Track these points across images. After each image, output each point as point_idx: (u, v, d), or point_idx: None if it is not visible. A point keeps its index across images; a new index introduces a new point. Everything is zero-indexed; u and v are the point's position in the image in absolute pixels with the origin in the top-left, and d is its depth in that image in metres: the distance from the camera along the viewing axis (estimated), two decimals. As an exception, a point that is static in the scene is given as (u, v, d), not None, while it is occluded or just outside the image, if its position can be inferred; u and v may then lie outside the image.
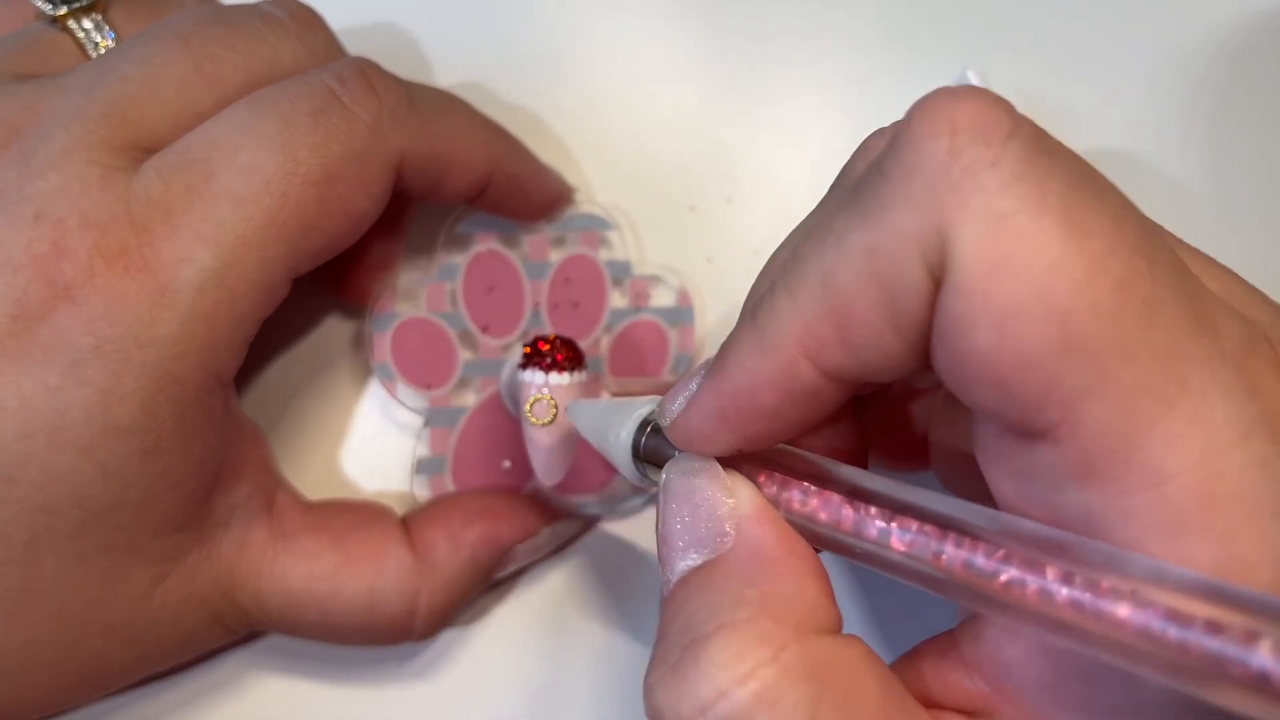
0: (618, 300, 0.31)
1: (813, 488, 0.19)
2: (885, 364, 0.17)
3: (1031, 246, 0.15)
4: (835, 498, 0.18)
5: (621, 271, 0.31)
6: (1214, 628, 0.14)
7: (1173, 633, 0.14)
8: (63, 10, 0.26)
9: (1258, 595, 0.14)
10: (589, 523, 0.31)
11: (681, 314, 0.31)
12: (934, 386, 0.24)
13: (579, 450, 0.30)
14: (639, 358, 0.31)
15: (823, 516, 0.18)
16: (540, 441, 0.27)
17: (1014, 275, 0.15)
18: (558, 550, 0.31)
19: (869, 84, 0.33)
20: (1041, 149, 0.16)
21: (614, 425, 0.22)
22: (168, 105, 0.24)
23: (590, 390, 0.31)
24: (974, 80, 0.31)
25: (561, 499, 0.31)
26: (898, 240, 0.16)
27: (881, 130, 0.20)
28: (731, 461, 0.20)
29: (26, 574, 0.23)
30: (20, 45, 0.26)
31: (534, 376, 0.27)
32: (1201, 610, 0.14)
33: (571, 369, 0.27)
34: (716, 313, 0.32)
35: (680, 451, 0.20)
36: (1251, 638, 0.13)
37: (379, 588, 0.27)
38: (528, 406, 0.27)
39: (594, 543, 0.31)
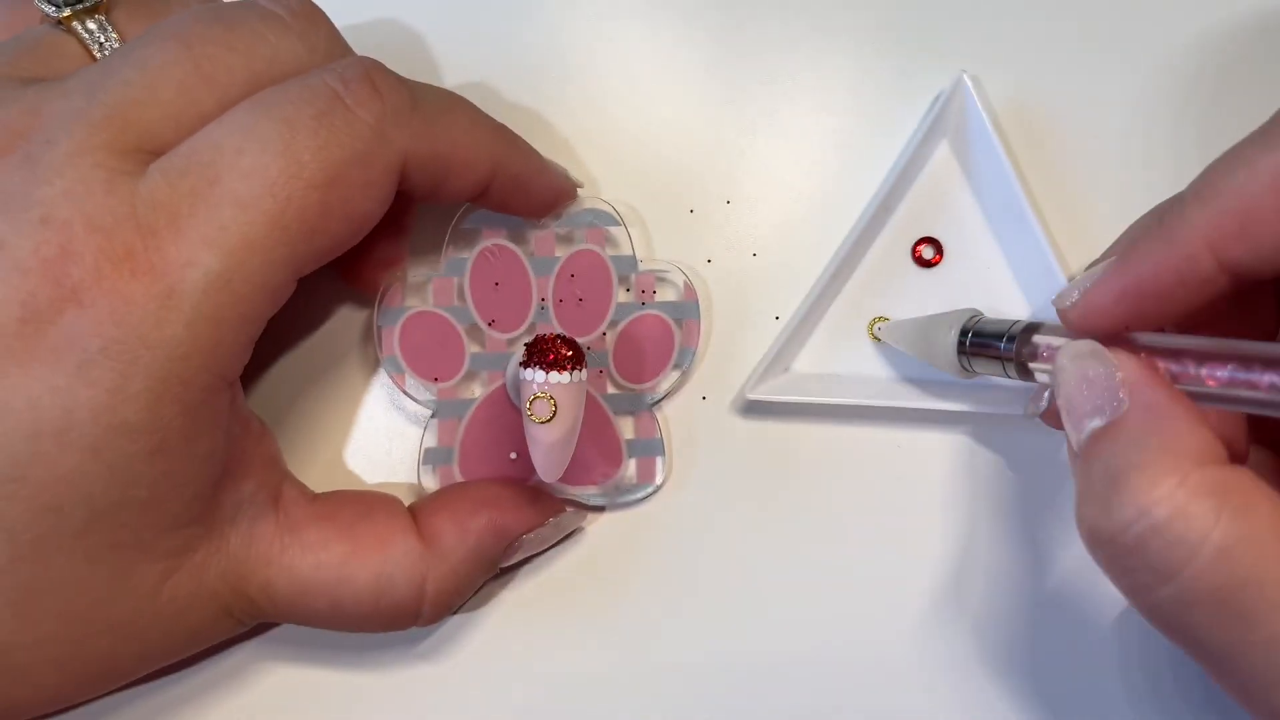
0: (623, 295, 0.32)
1: (1192, 359, 0.23)
2: (1274, 257, 0.22)
3: None
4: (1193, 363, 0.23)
5: (627, 267, 0.31)
6: None
7: None
8: (66, 12, 0.26)
9: None
10: (594, 512, 0.32)
11: (686, 309, 0.32)
12: None
13: (584, 443, 0.31)
14: (644, 352, 0.31)
15: (1198, 375, 0.23)
16: (541, 439, 0.27)
17: None
18: (562, 541, 0.31)
19: (867, 87, 0.33)
20: None
21: (938, 331, 0.29)
22: (169, 107, 0.24)
23: (597, 387, 0.31)
24: (969, 83, 0.31)
25: (566, 491, 0.31)
26: None
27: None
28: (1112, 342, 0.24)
29: (35, 572, 0.23)
30: (24, 48, 0.26)
31: (534, 375, 0.27)
32: None
33: (572, 367, 0.27)
34: (718, 313, 0.32)
35: (1065, 341, 0.25)
36: None
37: (387, 575, 0.27)
38: (528, 405, 0.27)
39: (598, 530, 0.32)
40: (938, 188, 0.32)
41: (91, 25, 0.27)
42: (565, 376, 0.27)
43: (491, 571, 0.30)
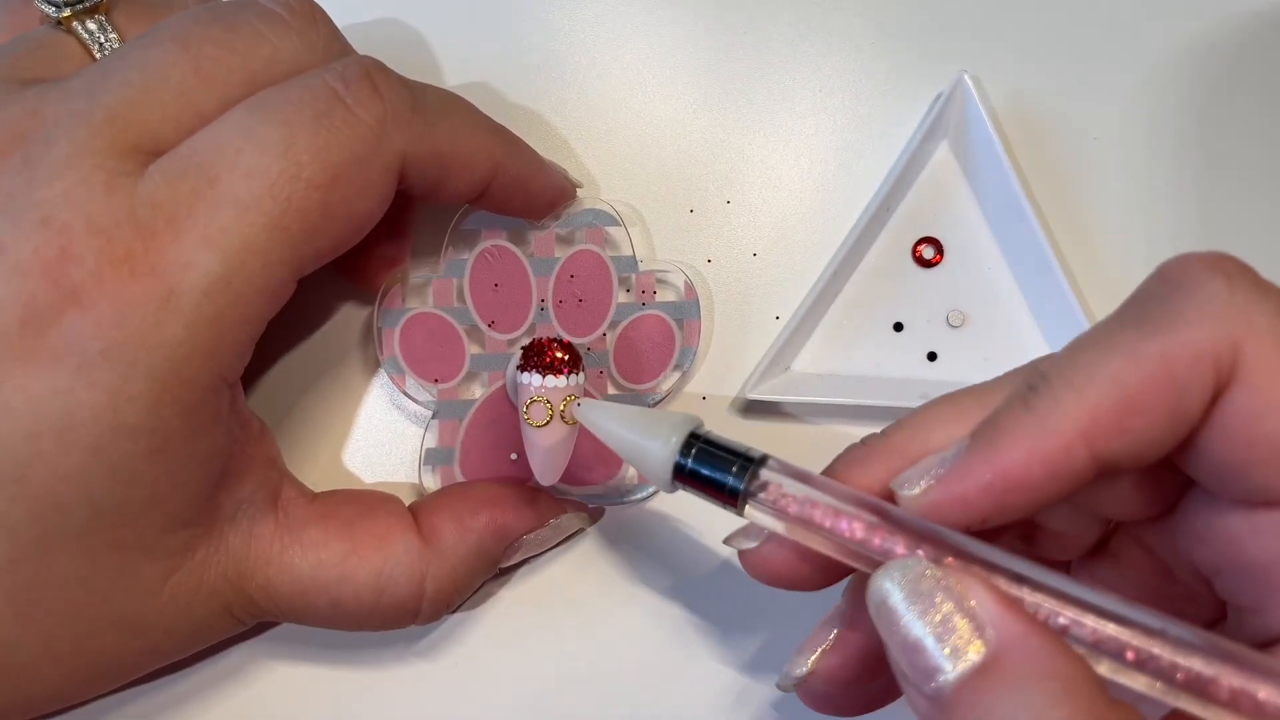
0: (623, 296, 0.32)
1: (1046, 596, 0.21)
2: (1149, 450, 0.20)
3: None
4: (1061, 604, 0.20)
5: (627, 267, 0.31)
6: None
7: None
8: (66, 13, 0.26)
9: None
10: (595, 516, 0.32)
11: (687, 308, 0.32)
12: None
13: (585, 443, 0.31)
14: (644, 353, 0.31)
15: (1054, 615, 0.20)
16: (538, 443, 0.27)
17: None
18: (563, 543, 0.31)
19: (866, 87, 0.33)
20: None
21: (651, 437, 0.24)
22: (169, 108, 0.24)
23: (598, 387, 0.31)
24: (969, 83, 0.31)
25: (567, 490, 0.31)
26: (1193, 349, 0.20)
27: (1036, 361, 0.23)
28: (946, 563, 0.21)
29: (37, 572, 0.23)
30: (25, 49, 0.26)
31: (531, 379, 0.27)
32: None
33: (568, 372, 0.27)
34: (718, 313, 0.33)
35: (891, 564, 0.21)
36: None
37: (387, 573, 0.27)
38: (525, 409, 0.27)
39: (598, 530, 0.32)
40: (938, 188, 0.33)
41: (91, 26, 0.27)
42: (561, 381, 0.27)
43: (491, 571, 0.30)
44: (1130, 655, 0.19)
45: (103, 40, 0.27)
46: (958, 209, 0.32)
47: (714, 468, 0.23)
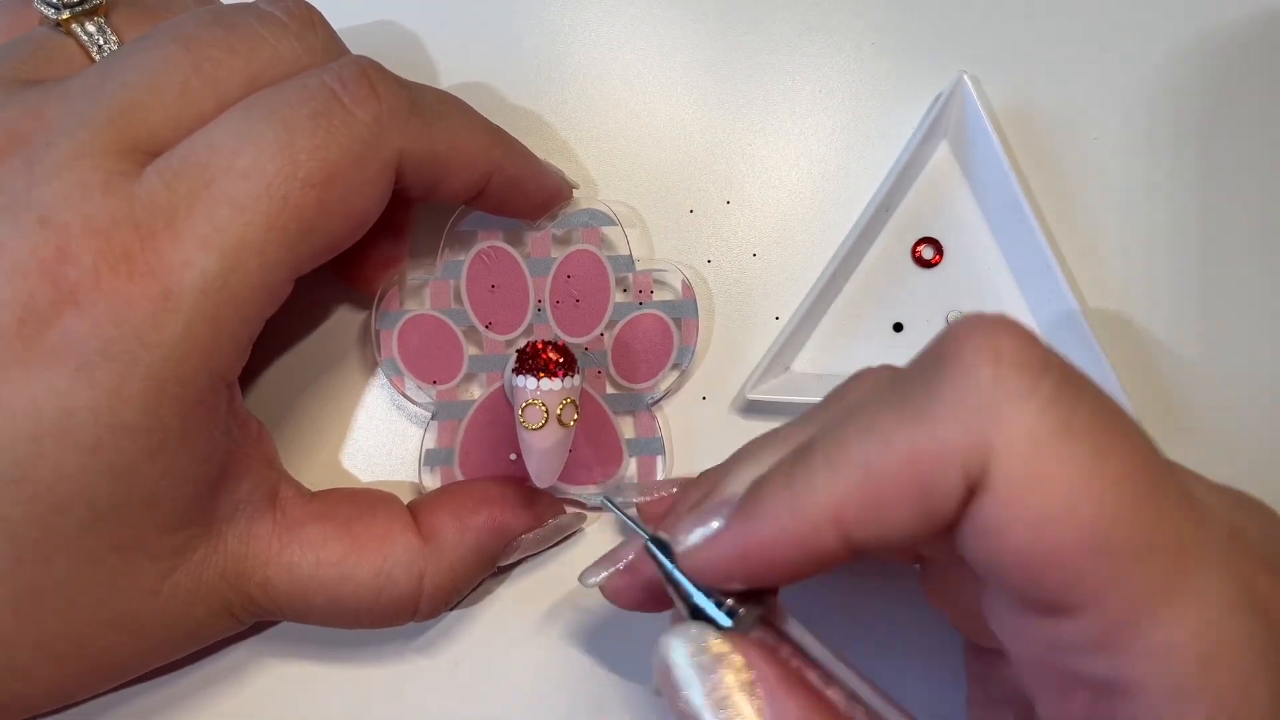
0: (620, 295, 0.32)
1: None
2: (902, 540, 0.20)
3: (1063, 466, 0.18)
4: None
5: (624, 267, 0.31)
6: None
7: None
8: (65, 15, 0.26)
9: None
10: (594, 513, 0.32)
11: (685, 307, 0.32)
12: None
13: (584, 443, 0.31)
14: (642, 352, 0.31)
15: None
16: (534, 445, 0.27)
17: (1048, 490, 0.18)
18: (561, 542, 0.31)
19: (866, 87, 0.33)
20: (1068, 382, 0.19)
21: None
22: (169, 109, 0.24)
23: (596, 387, 0.31)
24: (969, 84, 0.31)
25: (566, 490, 0.31)
26: (942, 449, 0.18)
27: (872, 369, 0.24)
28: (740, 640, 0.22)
29: (37, 571, 0.24)
30: (25, 50, 0.26)
31: (526, 382, 0.27)
32: None
33: (564, 374, 0.27)
34: (718, 313, 0.33)
35: (679, 630, 0.22)
36: None
37: (386, 571, 0.27)
38: (520, 412, 0.27)
39: (597, 529, 0.32)
40: (937, 188, 0.32)
41: (91, 28, 0.27)
42: (557, 383, 0.27)
43: (489, 570, 0.30)
44: None
45: (101, 42, 0.27)
46: (958, 209, 0.32)
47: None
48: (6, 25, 0.28)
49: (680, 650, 0.21)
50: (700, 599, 0.22)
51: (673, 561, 0.22)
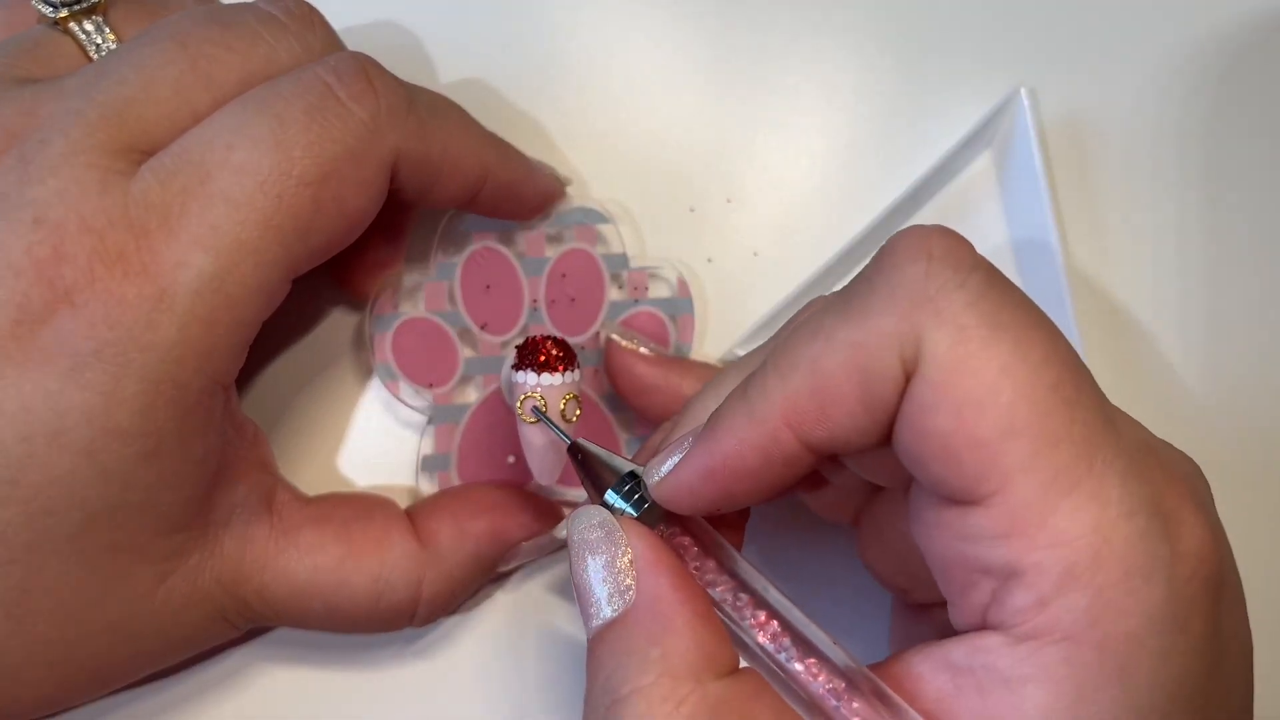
0: (616, 293, 0.31)
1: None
2: (854, 438, 0.21)
3: (988, 352, 0.19)
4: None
5: (619, 265, 0.31)
6: None
7: None
8: (63, 13, 0.26)
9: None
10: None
11: (680, 304, 0.31)
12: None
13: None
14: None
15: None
16: (534, 441, 0.27)
17: (972, 374, 0.19)
18: (560, 550, 0.31)
19: (867, 84, 0.33)
20: (995, 280, 0.20)
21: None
22: (164, 107, 0.24)
23: (593, 386, 0.31)
24: (1024, 99, 0.30)
25: (566, 492, 0.31)
26: (879, 338, 0.20)
27: (823, 296, 0.25)
28: (631, 520, 0.23)
29: (28, 575, 0.23)
30: (22, 49, 0.26)
31: (526, 377, 0.27)
32: None
33: (564, 368, 0.27)
34: (717, 313, 0.32)
35: (582, 508, 0.23)
36: None
37: (384, 576, 0.27)
38: (519, 406, 0.27)
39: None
40: (970, 195, 0.32)
41: (89, 26, 0.27)
42: (557, 378, 0.27)
43: (488, 576, 0.30)
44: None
45: (99, 41, 0.27)
46: (985, 223, 0.32)
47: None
48: (4, 23, 0.28)
49: (577, 523, 0.23)
50: (611, 494, 0.23)
51: (633, 499, 0.23)
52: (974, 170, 0.32)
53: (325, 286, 0.31)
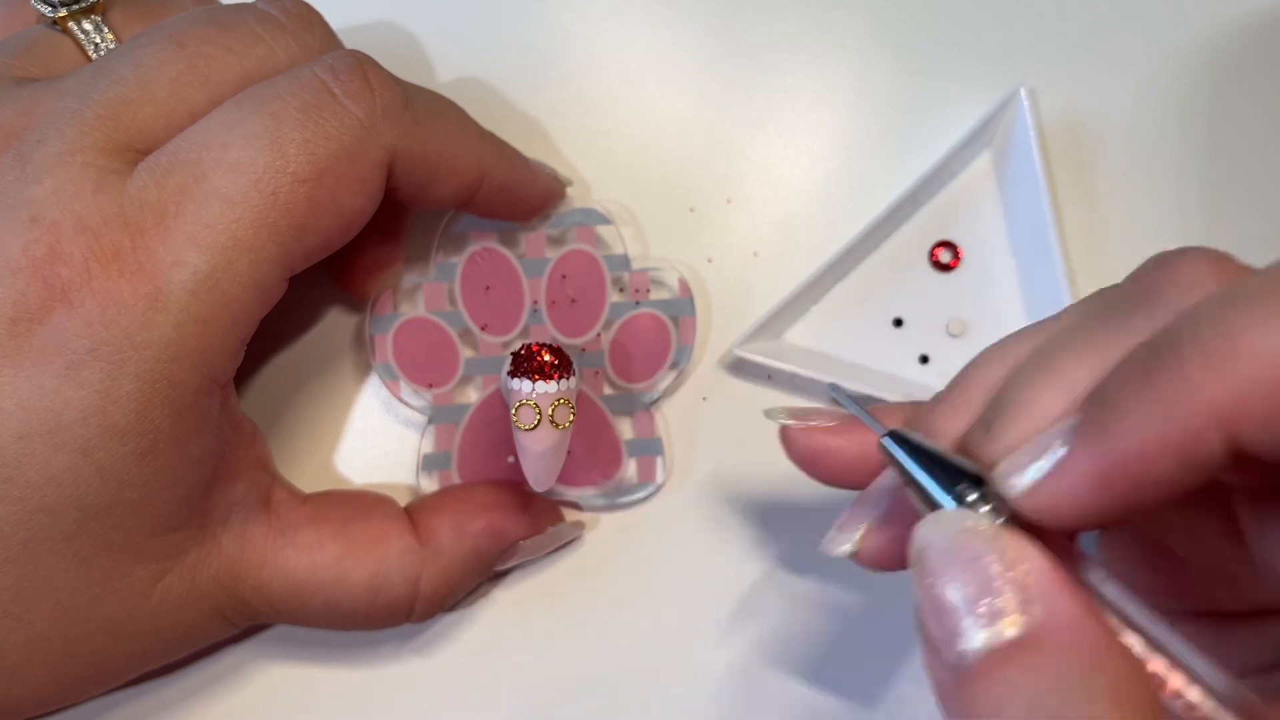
0: (616, 295, 0.31)
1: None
2: None
3: None
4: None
5: (620, 266, 0.31)
6: None
7: None
8: (62, 13, 0.26)
9: None
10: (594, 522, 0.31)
11: (682, 305, 0.31)
12: None
13: (583, 444, 0.30)
14: (640, 351, 0.31)
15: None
16: (529, 448, 0.27)
17: None
18: (559, 549, 0.31)
19: (867, 84, 0.33)
20: None
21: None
22: (161, 106, 0.24)
23: (594, 388, 0.31)
24: (1024, 98, 0.30)
25: (566, 492, 0.31)
26: None
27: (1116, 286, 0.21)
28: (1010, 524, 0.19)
29: (25, 573, 0.23)
30: (20, 48, 0.26)
31: (521, 385, 0.27)
32: None
33: (559, 376, 0.27)
34: (717, 314, 0.32)
35: (938, 513, 0.19)
36: None
37: (382, 573, 0.27)
38: (514, 413, 0.27)
39: (597, 528, 0.32)
40: (970, 195, 0.32)
41: (87, 26, 0.27)
42: (552, 386, 0.27)
43: (486, 574, 0.30)
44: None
45: (98, 41, 0.27)
46: (985, 221, 0.32)
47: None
48: (4, 22, 0.28)
49: (938, 534, 0.18)
50: (941, 495, 0.19)
51: (911, 453, 0.19)
52: (974, 170, 0.32)
53: (325, 285, 0.31)
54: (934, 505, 0.19)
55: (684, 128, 0.33)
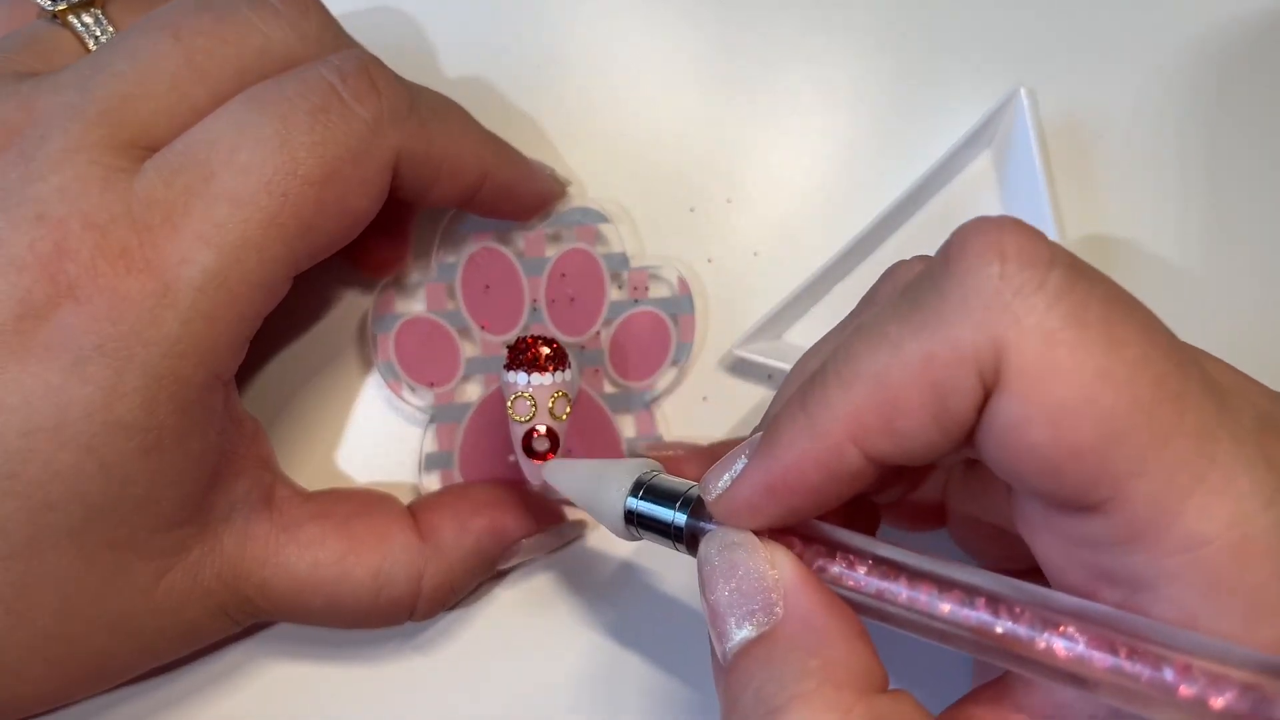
0: (616, 293, 0.31)
1: (854, 559, 0.21)
2: (924, 451, 0.19)
3: (1078, 356, 0.17)
4: (872, 567, 0.20)
5: (619, 264, 0.31)
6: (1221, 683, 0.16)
7: (1187, 689, 0.17)
8: (62, 5, 0.26)
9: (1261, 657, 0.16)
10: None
11: (681, 303, 0.31)
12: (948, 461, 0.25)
13: (584, 442, 0.31)
14: (640, 349, 0.31)
15: (865, 585, 0.20)
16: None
17: (1064, 381, 0.17)
18: (561, 549, 0.31)
19: (868, 84, 0.33)
20: (1078, 274, 0.18)
21: (604, 487, 0.24)
22: (162, 101, 0.24)
23: (594, 386, 0.31)
24: (1024, 99, 0.30)
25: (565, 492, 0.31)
26: (955, 351, 0.18)
27: (905, 260, 0.24)
28: (769, 535, 0.21)
29: (28, 569, 0.23)
30: (20, 43, 0.26)
31: (517, 377, 0.27)
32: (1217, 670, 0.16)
33: (554, 369, 0.27)
34: (717, 313, 0.32)
35: (716, 526, 0.22)
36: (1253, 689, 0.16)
37: (385, 571, 0.27)
38: (510, 405, 0.27)
39: (594, 528, 0.32)
40: (969, 195, 0.32)
41: (87, 19, 0.27)
42: (547, 378, 0.27)
43: (488, 573, 0.30)
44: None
45: (98, 34, 0.27)
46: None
47: (660, 506, 0.23)
48: (5, 21, 0.28)
49: (713, 545, 0.21)
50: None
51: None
52: (973, 170, 0.32)
53: (326, 282, 0.31)
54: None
55: (685, 128, 0.33)
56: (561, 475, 0.26)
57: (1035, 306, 0.18)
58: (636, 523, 0.24)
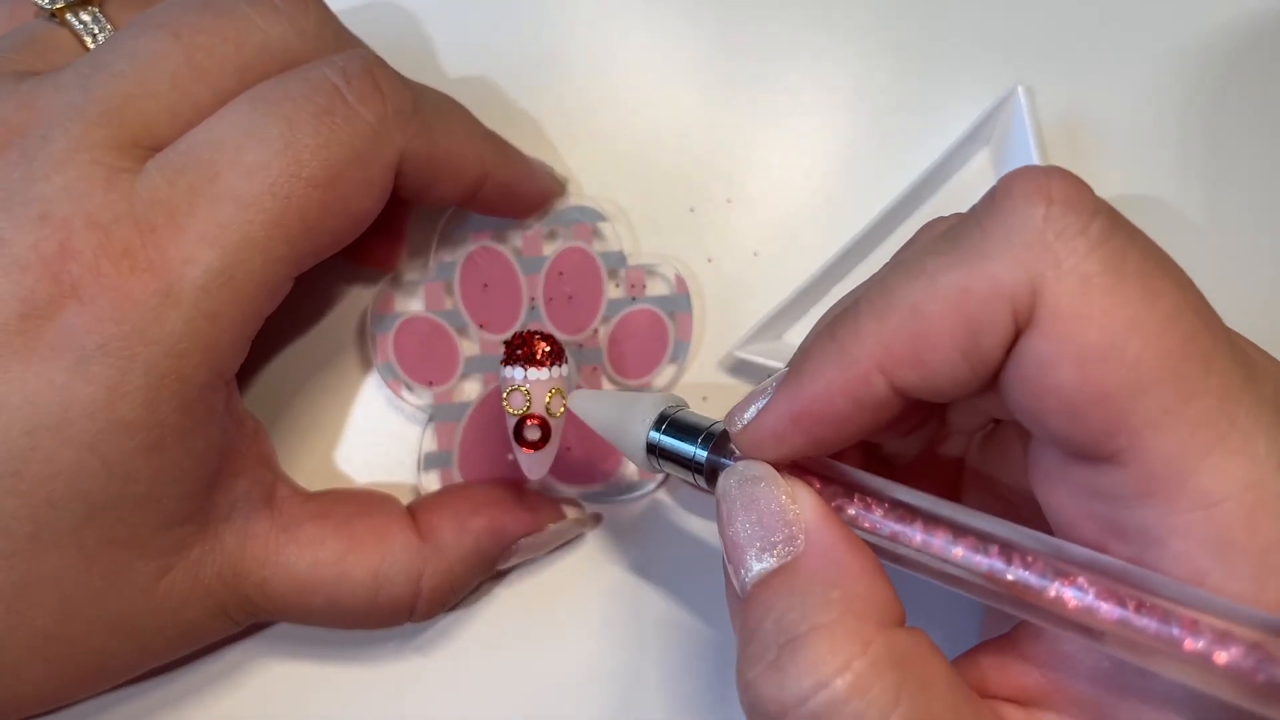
0: (614, 291, 0.31)
1: (871, 501, 0.21)
2: (949, 387, 0.20)
3: (1112, 302, 0.18)
4: (888, 510, 0.21)
5: (616, 262, 0.31)
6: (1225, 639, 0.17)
7: (1195, 643, 0.17)
8: (59, 4, 0.26)
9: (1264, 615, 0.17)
10: (593, 521, 0.32)
11: (678, 301, 0.32)
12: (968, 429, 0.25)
13: (581, 442, 0.31)
14: (638, 347, 0.31)
15: (880, 527, 0.21)
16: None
17: (1096, 325, 0.18)
18: (561, 548, 0.31)
19: (868, 84, 0.33)
20: (1119, 225, 0.19)
21: (629, 418, 0.25)
22: (163, 101, 0.24)
23: (592, 384, 0.31)
24: (1021, 96, 0.31)
25: (566, 489, 0.31)
26: (992, 286, 0.18)
27: (943, 216, 0.24)
28: (789, 471, 0.22)
29: (30, 567, 0.23)
30: (19, 42, 0.26)
31: (514, 373, 0.27)
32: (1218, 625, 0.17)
33: (551, 364, 0.27)
34: (716, 313, 0.32)
35: (735, 460, 0.22)
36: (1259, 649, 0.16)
37: (384, 571, 0.27)
38: (505, 400, 0.27)
39: (597, 533, 0.32)
40: (968, 193, 0.32)
41: (85, 17, 0.27)
42: (544, 373, 0.27)
43: (488, 572, 0.30)
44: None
45: (96, 32, 0.27)
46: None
47: (682, 441, 0.24)
48: (4, 17, 0.28)
49: (732, 478, 0.22)
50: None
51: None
52: (972, 168, 0.33)
53: (327, 282, 0.31)
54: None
55: (684, 127, 0.33)
56: (588, 405, 0.26)
57: (1076, 249, 0.18)
58: (658, 454, 0.24)
